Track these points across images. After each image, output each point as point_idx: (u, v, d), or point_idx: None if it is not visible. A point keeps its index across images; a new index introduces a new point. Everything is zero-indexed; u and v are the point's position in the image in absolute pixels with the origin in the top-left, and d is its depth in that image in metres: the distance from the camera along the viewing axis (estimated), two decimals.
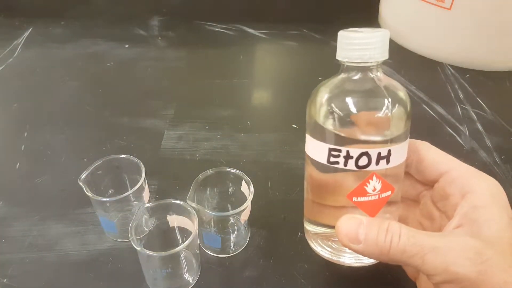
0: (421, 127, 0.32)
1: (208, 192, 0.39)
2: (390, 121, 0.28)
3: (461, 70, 0.66)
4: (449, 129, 0.54)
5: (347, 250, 0.29)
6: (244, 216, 0.36)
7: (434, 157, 0.30)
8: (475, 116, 0.56)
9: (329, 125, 0.28)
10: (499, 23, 0.61)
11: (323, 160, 0.29)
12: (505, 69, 0.66)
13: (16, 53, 0.70)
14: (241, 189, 0.37)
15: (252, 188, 0.36)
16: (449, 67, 0.67)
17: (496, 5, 0.60)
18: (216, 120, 0.55)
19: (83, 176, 0.36)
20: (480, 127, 0.54)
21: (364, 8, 0.80)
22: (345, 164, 0.28)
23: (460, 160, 0.30)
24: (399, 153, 0.29)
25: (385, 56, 0.28)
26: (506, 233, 0.25)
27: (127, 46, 0.73)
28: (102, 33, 0.76)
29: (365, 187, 0.28)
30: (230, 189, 0.39)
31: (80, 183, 0.36)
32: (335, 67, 0.30)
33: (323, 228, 0.32)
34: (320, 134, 0.29)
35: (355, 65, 0.28)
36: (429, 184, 0.31)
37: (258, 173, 0.46)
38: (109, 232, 0.39)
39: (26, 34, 0.76)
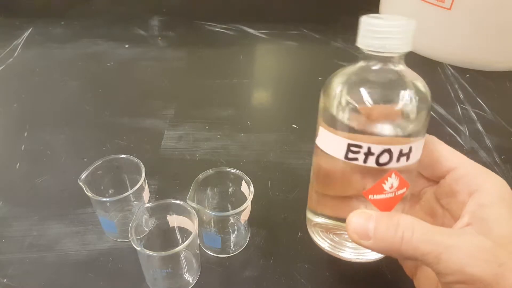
0: None
1: (208, 192, 0.39)
2: (414, 115, 0.26)
3: (461, 70, 0.66)
4: (449, 129, 0.54)
5: (348, 244, 0.29)
6: (244, 216, 0.36)
7: (442, 152, 0.30)
8: (475, 116, 0.56)
9: (347, 118, 0.26)
10: (499, 23, 0.61)
11: (340, 156, 0.26)
12: (505, 69, 0.66)
13: (16, 53, 0.70)
14: (241, 189, 0.37)
15: (252, 188, 0.36)
16: (449, 67, 0.67)
17: (496, 5, 0.60)
18: (216, 120, 0.55)
19: (83, 176, 0.36)
20: (480, 127, 0.54)
21: (364, 8, 0.80)
22: (365, 161, 0.26)
23: None
24: (418, 149, 0.27)
25: (410, 47, 0.26)
26: None
27: (127, 46, 0.73)
28: (102, 33, 0.76)
29: (383, 184, 0.27)
30: (230, 189, 0.39)
31: (80, 183, 0.36)
32: (335, 67, 0.30)
33: (326, 219, 0.31)
34: (337, 127, 0.27)
35: (377, 54, 0.26)
36: (435, 180, 0.31)
37: (258, 173, 0.46)
38: (109, 232, 0.39)
39: (26, 34, 0.76)
